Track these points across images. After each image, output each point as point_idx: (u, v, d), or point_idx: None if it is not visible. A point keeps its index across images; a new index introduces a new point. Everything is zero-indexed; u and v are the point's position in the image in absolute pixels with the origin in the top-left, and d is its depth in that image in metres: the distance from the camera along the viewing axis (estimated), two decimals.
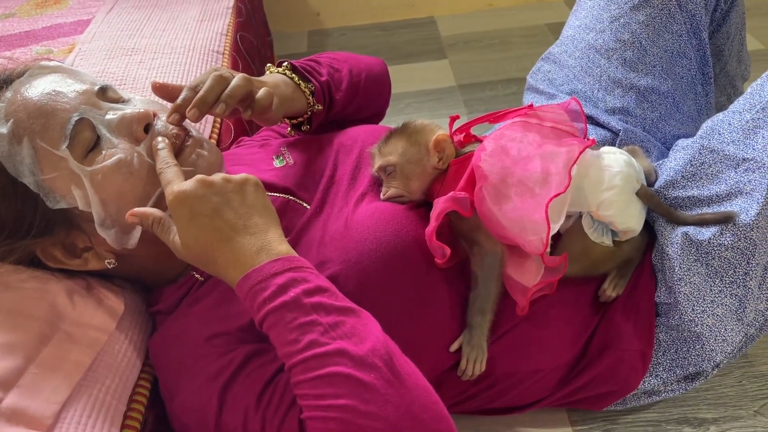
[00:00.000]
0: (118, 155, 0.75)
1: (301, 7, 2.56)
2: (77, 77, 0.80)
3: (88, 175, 0.74)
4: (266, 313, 0.64)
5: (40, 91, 0.75)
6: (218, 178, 0.70)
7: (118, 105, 0.80)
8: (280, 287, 0.64)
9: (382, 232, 0.83)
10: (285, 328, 0.63)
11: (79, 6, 1.70)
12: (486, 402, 0.94)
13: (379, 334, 0.66)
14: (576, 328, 0.91)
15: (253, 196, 0.71)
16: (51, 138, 0.73)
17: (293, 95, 0.96)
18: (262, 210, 0.71)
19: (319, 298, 0.65)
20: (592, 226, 0.86)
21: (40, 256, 0.77)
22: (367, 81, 1.10)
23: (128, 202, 0.75)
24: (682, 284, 0.86)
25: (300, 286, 0.64)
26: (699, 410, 1.03)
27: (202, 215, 0.68)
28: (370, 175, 0.94)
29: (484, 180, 0.83)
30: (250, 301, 0.66)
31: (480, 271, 0.85)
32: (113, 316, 0.81)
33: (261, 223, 0.70)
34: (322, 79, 1.01)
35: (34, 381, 0.68)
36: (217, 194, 0.69)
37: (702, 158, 0.87)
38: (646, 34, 1.10)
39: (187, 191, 0.69)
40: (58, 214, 0.75)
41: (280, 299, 0.63)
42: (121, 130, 0.77)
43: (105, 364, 0.76)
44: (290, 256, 0.68)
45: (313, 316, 0.63)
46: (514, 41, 2.31)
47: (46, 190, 0.73)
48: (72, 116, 0.74)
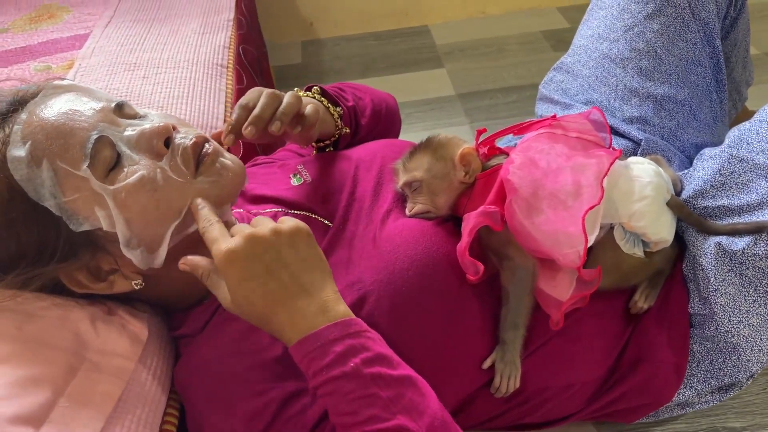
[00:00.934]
0: (141, 172, 0.72)
1: (294, 17, 2.54)
2: (92, 95, 0.77)
3: (111, 194, 0.71)
4: (324, 382, 0.63)
5: (57, 111, 0.72)
6: (267, 232, 0.66)
7: (136, 121, 0.77)
8: (339, 356, 0.62)
9: (413, 249, 0.81)
10: (343, 398, 0.62)
11: (75, 20, 1.67)
12: (517, 418, 0.92)
13: (436, 405, 0.65)
14: (608, 341, 0.90)
15: (306, 249, 0.68)
16: (71, 158, 0.70)
17: (324, 117, 0.96)
18: (317, 264, 0.69)
19: (378, 368, 0.63)
20: (624, 238, 0.85)
21: (65, 281, 0.75)
22: (387, 111, 1.12)
23: (153, 220, 0.73)
24: (717, 295, 0.86)
25: (359, 355, 0.63)
26: (727, 419, 1.03)
27: (254, 278, 0.65)
28: (393, 191, 0.93)
29: (515, 193, 0.82)
30: (306, 366, 0.64)
31: (511, 286, 0.84)
32: (138, 342, 0.78)
33: (317, 280, 0.67)
34: (349, 104, 1.01)
35: (65, 415, 0.65)
36: (268, 251, 0.66)
37: (731, 167, 0.87)
38: (661, 43, 1.10)
39: (235, 251, 0.65)
40: (82, 236, 0.72)
41: (339, 369, 0.62)
42: (141, 146, 0.74)
43: (134, 394, 0.73)
44: (349, 319, 0.66)
45: (373, 389, 0.62)
46: (509, 49, 2.31)
47: (68, 213, 0.70)
48: (91, 134, 0.71)
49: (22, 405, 0.63)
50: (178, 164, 0.74)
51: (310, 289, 0.66)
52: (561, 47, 2.25)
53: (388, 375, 0.63)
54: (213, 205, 0.75)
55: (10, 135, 0.70)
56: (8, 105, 0.74)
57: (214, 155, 0.77)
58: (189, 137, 0.76)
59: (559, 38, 2.33)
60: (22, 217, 0.70)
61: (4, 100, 0.74)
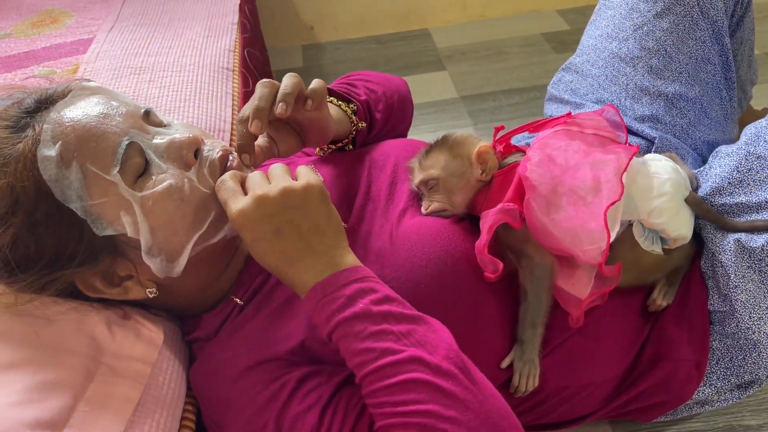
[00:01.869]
0: (169, 181, 0.72)
1: (295, 21, 2.54)
2: (121, 100, 0.77)
3: (138, 200, 0.70)
4: (336, 325, 0.64)
5: (88, 113, 0.71)
6: (277, 193, 0.68)
7: (163, 129, 0.77)
8: (348, 298, 0.65)
9: (431, 247, 0.81)
10: (356, 338, 0.64)
11: (78, 25, 1.66)
12: (536, 418, 0.91)
13: (451, 341, 0.66)
14: (627, 339, 0.90)
15: (316, 207, 0.70)
16: (102, 162, 0.69)
17: (338, 115, 0.95)
18: (327, 222, 0.70)
19: (388, 306, 0.65)
20: (643, 235, 0.85)
21: (79, 285, 0.74)
22: (399, 101, 1.10)
23: (178, 229, 0.73)
24: (738, 292, 0.85)
25: (368, 296, 0.65)
26: (743, 417, 1.02)
27: (264, 239, 0.68)
28: (407, 189, 0.92)
29: (533, 190, 0.81)
30: (318, 315, 0.66)
31: (530, 284, 0.83)
32: (154, 346, 0.77)
33: (327, 239, 0.69)
34: (362, 99, 1.00)
35: (85, 420, 0.65)
36: (278, 214, 0.68)
37: (749, 164, 0.87)
38: (670, 41, 1.10)
39: (245, 212, 0.68)
40: (104, 241, 0.71)
41: (349, 310, 0.64)
42: (170, 156, 0.74)
43: (152, 398, 0.73)
44: (355, 266, 0.68)
45: (384, 325, 0.63)
46: (510, 51, 2.32)
47: (93, 216, 0.70)
48: (122, 140, 0.71)
49: (42, 410, 0.62)
50: (205, 176, 0.75)
51: (319, 248, 0.68)
52: (562, 49, 2.25)
53: (398, 312, 0.65)
54: None
55: (41, 133, 0.69)
56: (36, 103, 0.72)
57: (238, 168, 0.78)
58: (216, 150, 0.77)
59: (560, 40, 2.33)
60: (46, 218, 0.69)
61: (31, 97, 0.73)
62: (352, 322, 0.64)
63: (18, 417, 0.60)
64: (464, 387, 0.61)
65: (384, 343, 0.62)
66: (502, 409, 0.63)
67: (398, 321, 0.64)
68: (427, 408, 0.59)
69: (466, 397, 0.61)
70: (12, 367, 0.65)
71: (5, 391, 0.62)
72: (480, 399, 0.61)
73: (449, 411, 0.59)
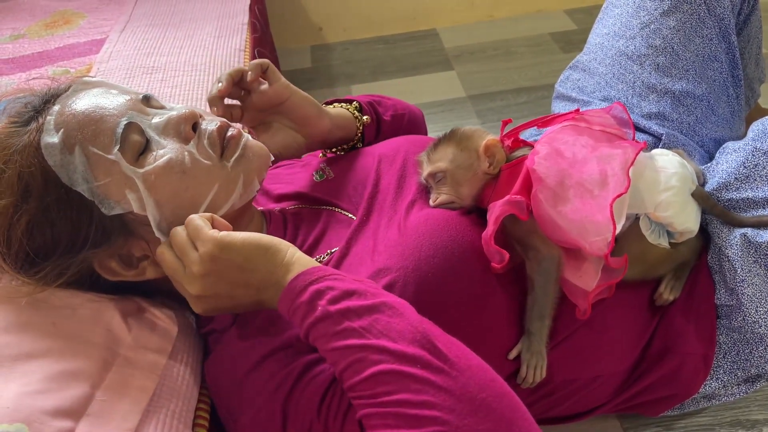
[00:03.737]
0: (169, 155, 0.75)
1: (303, 22, 2.56)
2: (120, 89, 0.81)
3: (140, 176, 0.73)
4: (306, 332, 0.66)
5: (88, 102, 0.75)
6: (197, 288, 0.70)
7: (163, 111, 0.80)
8: (307, 304, 0.66)
9: (438, 237, 0.82)
10: (323, 340, 0.65)
11: (90, 26, 1.68)
12: (544, 411, 0.92)
13: (416, 322, 0.65)
14: (635, 332, 0.90)
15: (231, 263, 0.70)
16: (102, 143, 0.73)
17: (337, 111, 0.99)
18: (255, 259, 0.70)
19: (346, 303, 0.65)
20: (650, 228, 0.86)
21: (97, 268, 0.76)
22: (410, 117, 1.14)
23: (184, 201, 0.75)
24: (744, 286, 0.86)
25: (325, 296, 0.65)
26: (750, 412, 1.03)
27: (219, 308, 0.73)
28: (416, 183, 0.93)
29: (541, 183, 0.82)
30: (296, 325, 0.69)
31: (537, 276, 0.84)
32: (168, 338, 0.79)
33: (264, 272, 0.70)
34: (365, 100, 1.04)
35: (103, 408, 0.66)
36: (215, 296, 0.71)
37: (755, 160, 0.87)
38: (677, 39, 1.11)
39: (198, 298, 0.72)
40: (115, 221, 0.74)
41: (311, 316, 0.65)
42: (169, 132, 0.77)
43: (167, 389, 0.74)
44: (307, 270, 0.68)
45: (345, 323, 0.64)
46: (518, 51, 2.33)
47: (100, 197, 0.72)
48: (121, 120, 0.74)
49: (62, 398, 0.63)
50: (205, 147, 0.78)
51: (262, 284, 0.70)
52: (570, 49, 2.26)
53: (357, 306, 0.65)
54: (243, 184, 0.80)
55: (44, 124, 0.73)
56: (41, 100, 0.77)
57: (238, 137, 0.81)
58: (215, 122, 0.80)
59: (567, 40, 2.34)
60: (56, 203, 0.72)
61: (38, 96, 0.77)
62: (317, 326, 0.65)
63: (38, 405, 0.61)
64: (433, 368, 0.61)
65: (347, 340, 0.63)
66: (482, 381, 0.62)
67: (359, 315, 0.64)
68: (398, 398, 0.59)
69: (437, 378, 0.60)
70: (31, 357, 0.67)
71: (25, 380, 0.63)
72: (454, 375, 0.60)
73: (420, 396, 0.59)
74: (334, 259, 0.85)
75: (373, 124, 1.05)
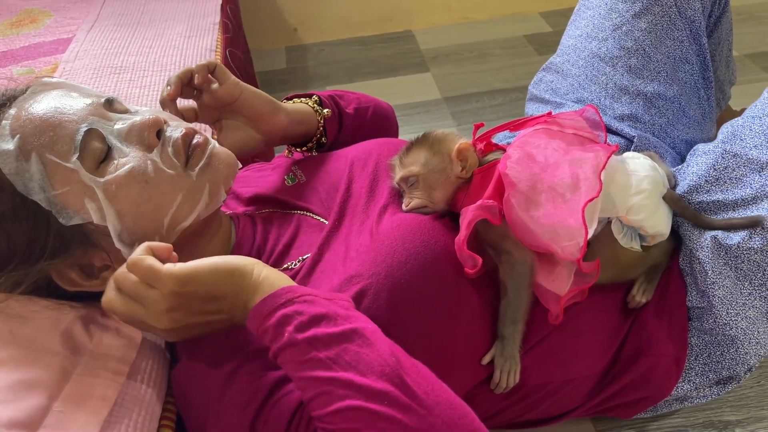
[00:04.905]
0: (131, 164, 0.72)
1: (278, 22, 2.53)
2: (81, 91, 0.77)
3: (101, 185, 0.70)
4: (274, 357, 0.64)
5: (45, 106, 0.72)
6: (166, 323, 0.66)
7: (126, 115, 0.77)
8: (275, 329, 0.63)
9: (410, 242, 0.80)
10: (291, 367, 0.63)
11: (57, 25, 1.64)
12: (517, 415, 0.92)
13: (386, 354, 0.62)
14: (607, 335, 0.90)
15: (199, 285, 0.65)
16: (60, 150, 0.70)
17: (295, 106, 0.98)
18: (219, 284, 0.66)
19: (314, 330, 0.62)
20: (622, 231, 0.85)
21: (56, 279, 0.73)
22: (376, 111, 1.12)
23: (146, 212, 0.73)
24: (715, 288, 0.86)
25: (293, 322, 0.62)
26: (723, 413, 1.03)
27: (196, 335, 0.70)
28: (389, 187, 0.92)
29: (513, 187, 0.82)
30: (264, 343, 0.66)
31: (510, 281, 0.84)
32: (133, 345, 0.77)
33: (230, 296, 0.67)
34: (325, 94, 1.02)
35: (61, 420, 0.64)
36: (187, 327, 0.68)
37: (725, 162, 0.87)
38: (649, 41, 1.11)
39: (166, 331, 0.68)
40: (74, 231, 0.71)
41: (278, 342, 0.63)
42: (132, 139, 0.74)
43: (130, 398, 0.72)
44: (276, 291, 0.65)
45: (312, 353, 0.61)
46: (494, 53, 2.33)
47: (58, 207, 0.70)
48: (80, 127, 0.71)
49: (17, 409, 0.61)
50: (170, 156, 0.75)
51: (233, 308, 0.67)
52: (544, 51, 2.27)
53: (325, 334, 0.62)
54: (209, 194, 0.77)
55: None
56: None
57: (204, 145, 0.78)
58: (180, 129, 0.77)
59: (542, 42, 2.35)
60: (12, 213, 0.69)
61: None
62: (284, 353, 0.62)
63: None
64: (400, 405, 0.58)
65: (314, 372, 0.60)
66: (451, 418, 0.60)
67: (326, 345, 0.61)
68: None
69: (403, 417, 0.57)
70: None
71: None
72: (421, 414, 0.58)
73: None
74: (306, 266, 0.83)
75: (334, 117, 1.03)
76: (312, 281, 0.80)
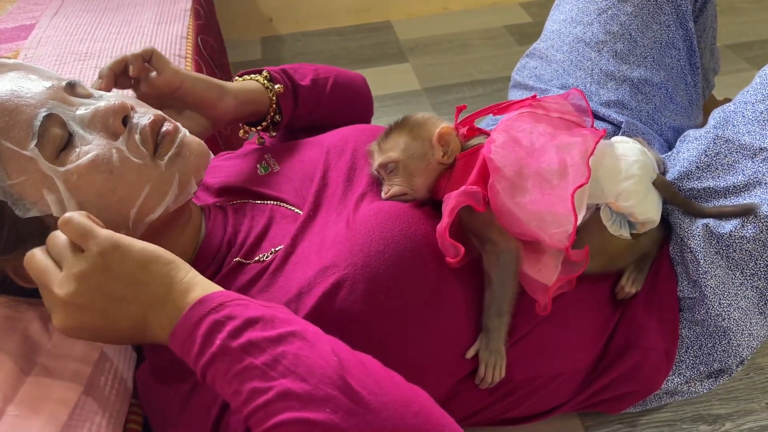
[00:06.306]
0: (94, 152, 0.67)
1: (253, 12, 2.47)
2: (41, 74, 0.71)
3: (61, 176, 0.65)
4: (202, 371, 0.56)
5: (2, 89, 0.66)
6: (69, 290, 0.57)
7: (90, 100, 0.71)
8: (205, 337, 0.56)
9: (389, 231, 0.76)
10: (223, 381, 0.55)
11: (20, 11, 1.57)
12: (504, 411, 0.88)
13: (327, 354, 0.56)
14: (596, 327, 0.87)
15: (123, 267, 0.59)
16: (17, 137, 0.64)
17: (243, 84, 0.93)
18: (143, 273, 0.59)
19: (249, 334, 0.56)
20: (611, 218, 0.82)
21: (11, 275, 0.68)
22: (337, 81, 1.06)
23: (111, 204, 0.67)
24: (707, 278, 0.83)
25: (225, 328, 0.56)
26: (712, 406, 1.01)
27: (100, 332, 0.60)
28: (367, 174, 0.88)
29: (498, 172, 0.78)
30: (188, 361, 0.57)
31: (495, 271, 0.80)
32: (95, 345, 0.72)
33: (157, 285, 0.59)
34: (276, 68, 0.98)
35: (15, 425, 0.59)
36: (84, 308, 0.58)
37: (717, 148, 0.85)
38: (635, 25, 1.08)
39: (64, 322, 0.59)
40: (31, 224, 0.65)
41: (208, 351, 0.55)
42: (96, 125, 0.68)
43: (93, 401, 0.67)
44: (207, 296, 0.58)
45: (247, 360, 0.54)
46: (473, 44, 2.29)
47: (14, 197, 0.64)
48: (39, 112, 0.65)
49: None
50: (137, 144, 0.70)
51: (154, 300, 0.59)
52: (525, 41, 2.24)
53: (261, 338, 0.56)
54: (178, 186, 0.71)
55: None
56: None
57: (174, 133, 0.73)
58: (148, 116, 0.72)
59: (522, 32, 2.32)
60: None
61: None
62: (215, 364, 0.55)
63: None
64: (345, 410, 0.53)
65: (249, 383, 0.54)
66: (400, 418, 0.54)
67: (262, 350, 0.55)
68: None
69: (350, 423, 0.52)
70: None
71: None
72: (368, 419, 0.53)
73: None
74: (279, 258, 0.79)
75: (288, 92, 0.98)
76: (285, 273, 0.75)
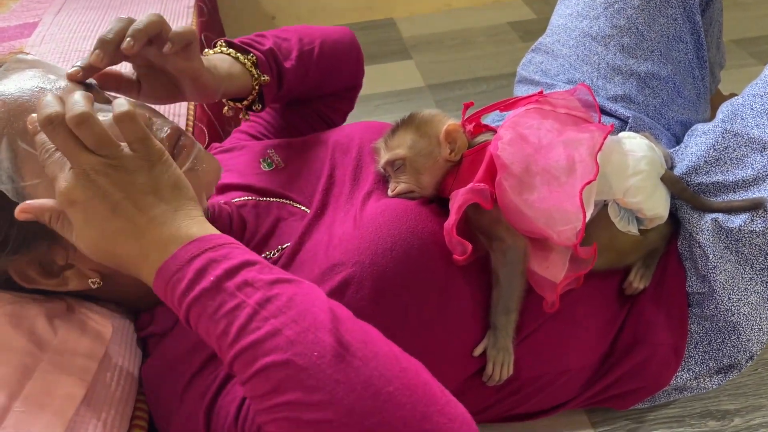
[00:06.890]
0: None
1: (255, 10, 2.47)
2: (59, 73, 0.70)
3: None
4: (188, 308, 0.53)
5: (21, 87, 0.65)
6: (91, 161, 0.56)
7: (106, 106, 0.70)
8: (198, 272, 0.53)
9: (396, 229, 0.76)
10: (211, 320, 0.52)
11: (23, 9, 1.57)
12: (511, 408, 0.88)
13: (322, 300, 0.54)
14: (604, 324, 0.87)
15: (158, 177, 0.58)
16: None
17: (231, 69, 0.86)
18: (169, 191, 0.58)
19: (245, 273, 0.53)
20: (619, 215, 0.82)
21: (13, 275, 0.68)
22: (323, 49, 1.01)
23: None
24: (717, 272, 0.83)
25: (221, 265, 0.53)
26: (720, 402, 1.00)
27: (97, 218, 0.56)
28: (373, 172, 0.88)
29: (505, 169, 0.77)
30: (170, 299, 0.54)
31: (502, 268, 0.80)
32: (101, 340, 0.71)
33: (169, 210, 0.57)
34: (264, 48, 0.91)
35: (22, 420, 0.59)
36: (114, 185, 0.56)
37: (725, 142, 0.84)
38: (642, 19, 1.07)
39: (73, 189, 0.56)
40: (39, 226, 0.65)
41: (199, 287, 0.53)
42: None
43: (99, 396, 0.67)
44: (207, 236, 0.56)
45: (240, 297, 0.52)
46: (476, 41, 2.29)
47: (26, 199, 0.63)
48: None
49: None
50: None
51: (162, 218, 0.57)
52: (529, 38, 2.23)
53: (258, 279, 0.53)
54: None
55: None
56: None
57: (190, 148, 0.72)
58: (164, 129, 0.71)
59: (526, 29, 2.31)
60: None
61: None
62: (204, 300, 0.52)
63: None
64: (334, 355, 0.50)
65: (239, 320, 0.51)
66: (389, 371, 0.51)
67: (256, 289, 0.52)
68: (290, 398, 0.49)
69: (336, 369, 0.50)
70: None
71: None
72: (356, 366, 0.50)
73: (314, 395, 0.49)
74: (285, 256, 0.78)
75: (273, 80, 0.93)
76: (291, 271, 0.74)
